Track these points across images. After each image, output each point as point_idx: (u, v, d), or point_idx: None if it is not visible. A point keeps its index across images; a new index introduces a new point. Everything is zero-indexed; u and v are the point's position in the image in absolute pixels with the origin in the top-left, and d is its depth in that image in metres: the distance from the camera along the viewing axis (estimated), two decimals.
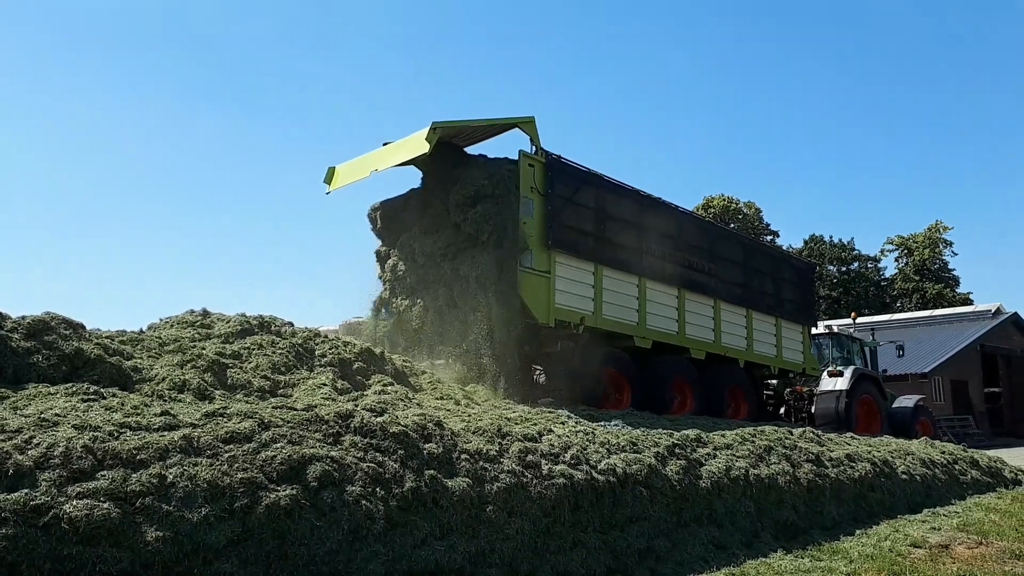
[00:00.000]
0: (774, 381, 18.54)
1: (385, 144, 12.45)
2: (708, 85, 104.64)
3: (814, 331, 19.27)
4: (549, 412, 8.79)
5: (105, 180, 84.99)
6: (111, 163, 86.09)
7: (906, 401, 20.64)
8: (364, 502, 4.95)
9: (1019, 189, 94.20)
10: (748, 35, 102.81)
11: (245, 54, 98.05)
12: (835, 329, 21.20)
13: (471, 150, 12.98)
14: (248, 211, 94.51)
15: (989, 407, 36.55)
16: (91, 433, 4.55)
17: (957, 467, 12.56)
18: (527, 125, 11.65)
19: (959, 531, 8.66)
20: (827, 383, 18.64)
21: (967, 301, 54.38)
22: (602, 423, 8.60)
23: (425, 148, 10.92)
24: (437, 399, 8.39)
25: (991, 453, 15.68)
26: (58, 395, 5.52)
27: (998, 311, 38.08)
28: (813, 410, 18.35)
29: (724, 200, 60.27)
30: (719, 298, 15.14)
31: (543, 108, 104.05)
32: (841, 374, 18.72)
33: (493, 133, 12.65)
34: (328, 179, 13.17)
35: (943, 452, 13.04)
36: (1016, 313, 38.35)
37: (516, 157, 11.61)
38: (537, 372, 12.67)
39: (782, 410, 18.68)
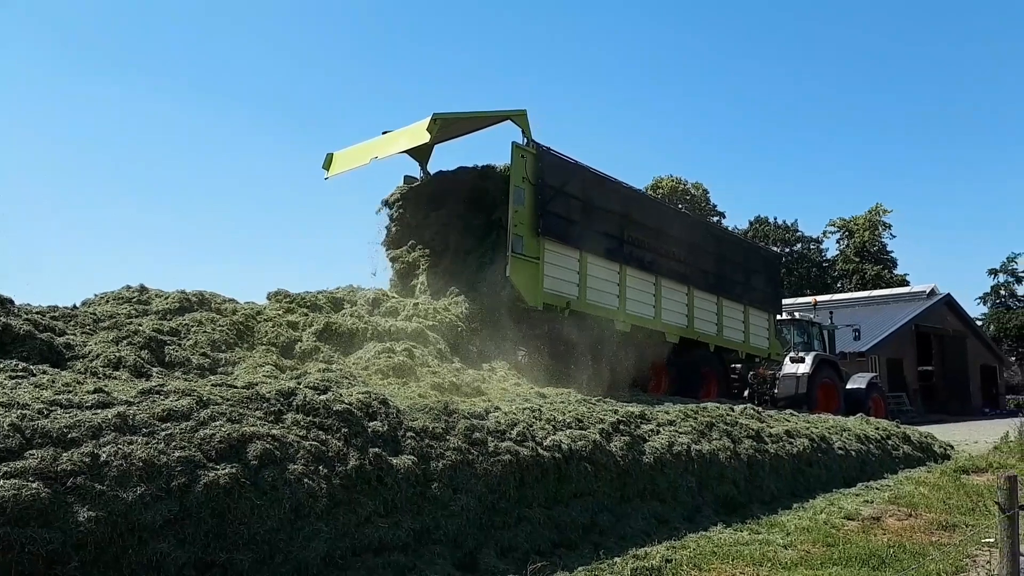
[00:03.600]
0: (739, 365, 19.45)
1: (384, 133, 12.87)
2: (657, 68, 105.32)
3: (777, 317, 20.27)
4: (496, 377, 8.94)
5: (44, 150, 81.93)
6: (47, 133, 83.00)
7: (860, 380, 21.64)
8: (306, 480, 4.90)
9: (955, 174, 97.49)
10: (697, 20, 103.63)
11: (219, 44, 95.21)
12: (797, 316, 22.12)
13: (468, 139, 13.81)
14: (203, 191, 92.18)
15: (922, 385, 37.90)
16: (19, 411, 4.39)
17: (890, 443, 13.00)
18: (519, 117, 12.14)
19: (890, 504, 8.98)
20: (789, 368, 19.56)
21: (904, 282, 56.08)
22: (547, 398, 8.66)
23: (426, 138, 11.48)
24: (382, 379, 8.30)
25: (923, 429, 16.29)
26: None
27: (932, 292, 39.37)
28: (776, 393, 19.20)
29: (672, 181, 60.86)
30: (692, 285, 15.92)
31: (493, 87, 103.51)
32: (803, 360, 19.62)
33: (487, 124, 13.18)
34: (326, 165, 13.55)
35: (877, 428, 13.48)
36: (949, 294, 39.71)
37: (506, 148, 12.04)
38: (522, 354, 13.19)
39: (746, 392, 19.37)
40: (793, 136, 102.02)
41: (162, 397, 5.11)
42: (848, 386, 21.11)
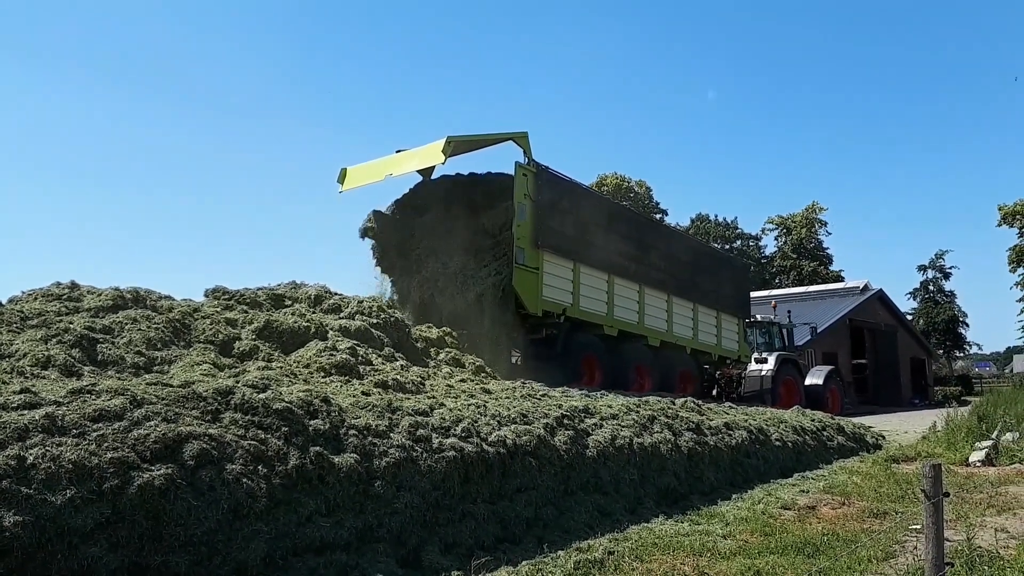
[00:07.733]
0: (707, 367, 20.47)
1: (398, 151, 13.73)
2: (602, 68, 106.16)
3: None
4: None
5: None
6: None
7: (818, 375, 23.14)
8: (245, 480, 4.80)
9: (886, 173, 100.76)
10: (639, 20, 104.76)
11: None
12: (759, 318, 23.26)
13: (473, 155, 14.95)
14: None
15: (856, 377, 39.04)
16: None
17: (825, 434, 13.36)
18: (521, 139, 13.14)
19: (825, 493, 9.23)
20: (754, 367, 20.91)
21: (839, 278, 57.57)
22: (493, 394, 8.66)
23: (441, 159, 12.29)
24: (324, 378, 8.19)
25: (856, 420, 16.81)
26: None
27: (865, 288, 40.58)
28: (741, 391, 20.31)
29: (617, 179, 61.36)
30: (671, 293, 17.14)
31: (444, 82, 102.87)
32: (767, 361, 20.93)
33: (491, 144, 14.22)
34: (341, 179, 14.24)
35: (813, 420, 13.84)
36: (881, 290, 41.00)
37: (504, 166, 13.31)
38: (516, 356, 13.91)
39: (714, 391, 20.21)
40: (734, 135, 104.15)
41: (93, 397, 4.94)
42: (807, 381, 22.46)
